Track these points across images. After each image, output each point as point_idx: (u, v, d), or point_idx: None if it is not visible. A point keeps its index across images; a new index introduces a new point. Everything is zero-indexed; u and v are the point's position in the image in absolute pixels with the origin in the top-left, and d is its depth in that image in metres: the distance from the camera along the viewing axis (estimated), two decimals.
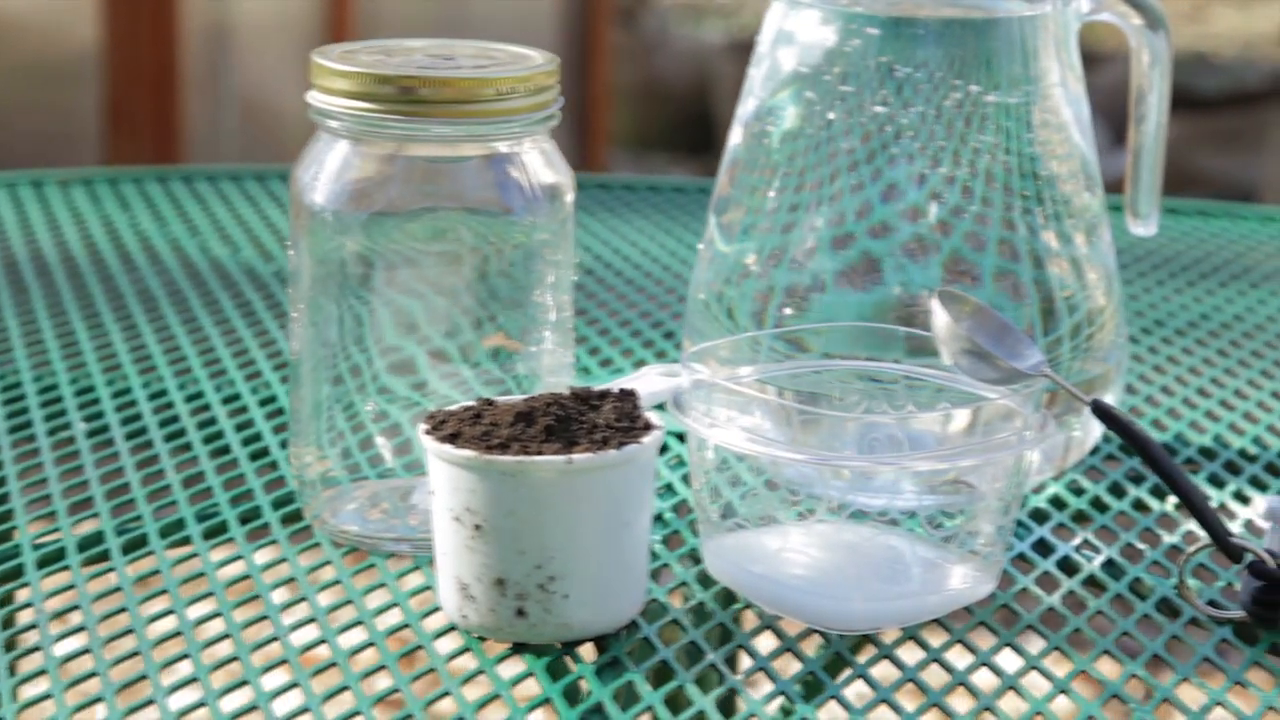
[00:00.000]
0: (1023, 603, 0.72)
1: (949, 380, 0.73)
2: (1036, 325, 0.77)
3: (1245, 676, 0.66)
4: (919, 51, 0.77)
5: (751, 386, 0.73)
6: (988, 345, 0.71)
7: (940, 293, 0.71)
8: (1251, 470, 0.85)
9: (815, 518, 0.71)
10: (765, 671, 0.66)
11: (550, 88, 0.73)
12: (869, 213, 0.78)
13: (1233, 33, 5.38)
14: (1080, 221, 0.79)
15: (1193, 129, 4.21)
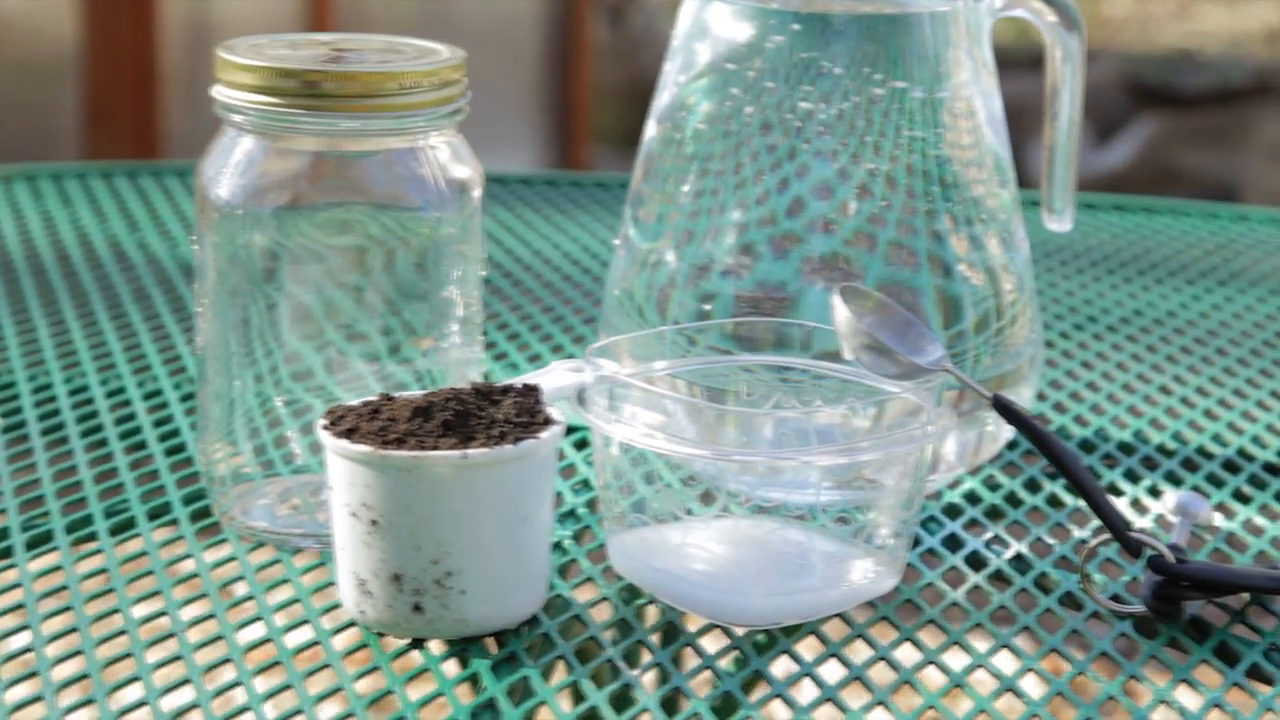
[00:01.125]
0: (928, 597, 0.72)
1: (856, 376, 0.73)
2: (934, 321, 0.77)
3: (1141, 670, 0.66)
4: (831, 46, 0.77)
5: (651, 382, 0.73)
6: (888, 341, 0.71)
7: (842, 288, 0.71)
8: (1169, 466, 0.85)
9: (718, 513, 0.71)
10: (661, 667, 0.66)
11: (456, 82, 0.73)
12: (781, 208, 0.78)
13: (1220, 30, 5.38)
14: (991, 217, 0.79)
15: (1176, 127, 4.21)
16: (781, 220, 0.78)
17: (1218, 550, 0.77)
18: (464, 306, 0.75)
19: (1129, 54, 4.86)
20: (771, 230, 0.78)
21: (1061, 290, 1.13)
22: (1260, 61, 4.85)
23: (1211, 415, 0.92)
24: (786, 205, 0.78)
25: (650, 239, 0.81)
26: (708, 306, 0.78)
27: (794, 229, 0.78)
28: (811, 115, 0.77)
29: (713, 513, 0.71)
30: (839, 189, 0.77)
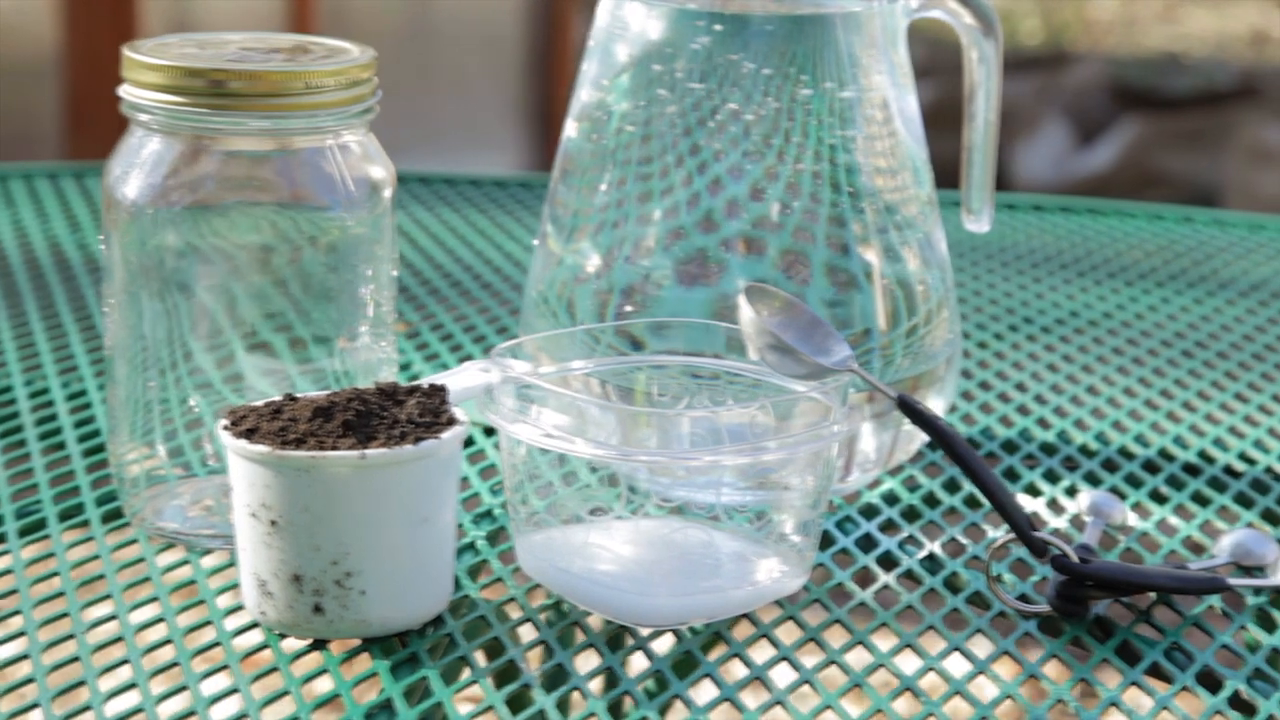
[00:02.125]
0: (838, 597, 0.72)
1: (767, 376, 0.73)
2: (850, 321, 0.77)
3: (1041, 670, 0.66)
4: (744, 46, 0.77)
5: (563, 382, 0.73)
6: (793, 341, 0.71)
7: (748, 288, 0.71)
8: (1089, 466, 0.85)
9: (626, 514, 0.71)
10: (562, 667, 0.66)
11: (366, 81, 0.73)
12: (697, 208, 0.78)
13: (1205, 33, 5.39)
14: (906, 218, 0.79)
15: (1159, 129, 4.21)
16: (697, 220, 0.78)
17: (1130, 550, 0.77)
18: (375, 306, 0.75)
19: (1114, 57, 4.87)
20: (687, 230, 0.78)
21: (1000, 291, 1.13)
22: (1245, 64, 4.85)
23: (1136, 416, 0.92)
24: (702, 205, 0.78)
25: (566, 239, 0.81)
26: (629, 308, 0.78)
27: (709, 230, 0.77)
28: (726, 116, 0.77)
29: (619, 513, 0.71)
30: (753, 190, 0.77)
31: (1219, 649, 0.68)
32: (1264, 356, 1.02)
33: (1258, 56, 5.20)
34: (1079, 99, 4.39)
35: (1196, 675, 0.66)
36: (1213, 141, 4.20)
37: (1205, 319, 1.08)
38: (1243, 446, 0.88)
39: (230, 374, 0.74)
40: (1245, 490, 0.83)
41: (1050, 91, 4.40)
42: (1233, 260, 1.21)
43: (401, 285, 1.10)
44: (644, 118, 0.78)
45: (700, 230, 0.78)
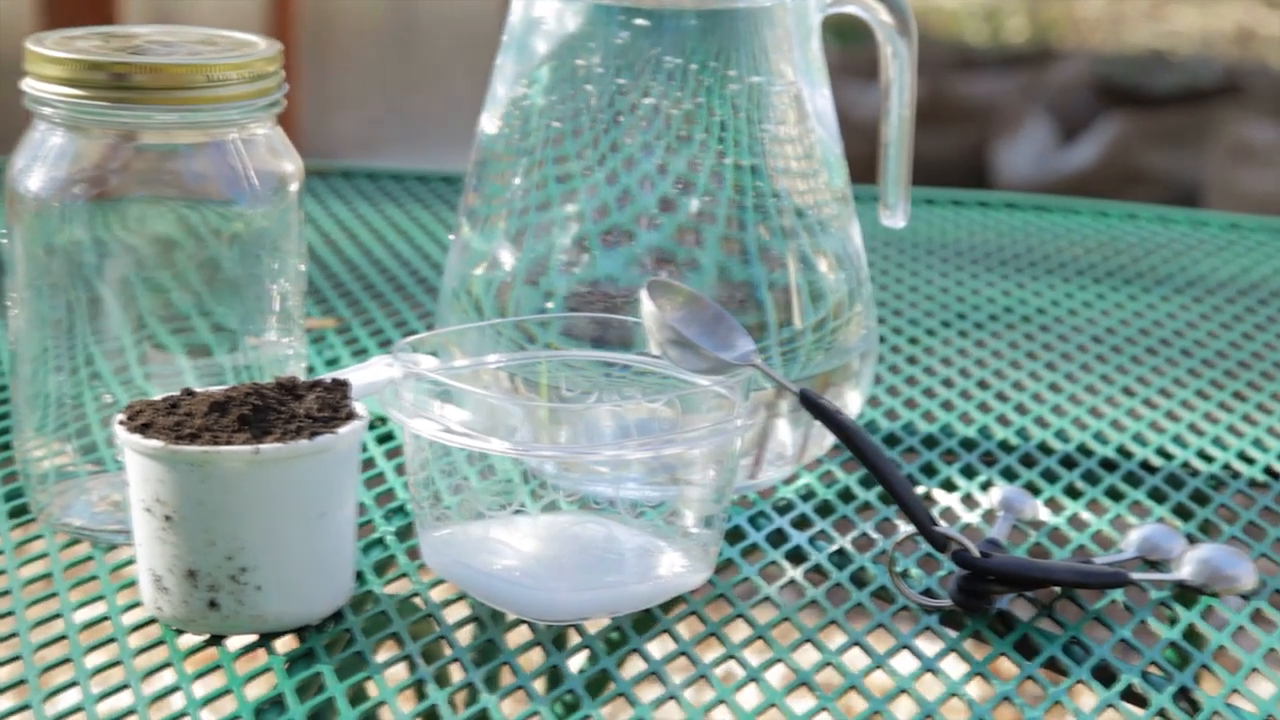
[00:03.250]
0: (744, 592, 0.72)
1: (674, 371, 0.72)
2: (764, 316, 0.77)
3: (938, 665, 0.66)
4: (654, 40, 0.77)
5: (463, 377, 0.73)
6: (694, 336, 0.71)
7: (650, 283, 0.71)
8: (1007, 461, 0.85)
9: (528, 509, 0.71)
10: (460, 663, 0.66)
11: (271, 74, 0.73)
12: (610, 204, 0.78)
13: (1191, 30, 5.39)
14: (819, 215, 0.79)
15: (1143, 127, 4.21)
16: (610, 216, 0.78)
17: (1039, 545, 0.77)
18: (282, 301, 0.74)
19: (1100, 54, 4.87)
20: (599, 226, 0.78)
21: (937, 287, 1.13)
22: (1230, 61, 4.85)
23: (1060, 412, 0.92)
24: (615, 201, 0.78)
25: (480, 233, 0.80)
26: (549, 304, 0.78)
27: (622, 225, 0.77)
28: (641, 110, 0.77)
29: (521, 508, 0.71)
30: (664, 185, 0.77)
31: (1117, 643, 0.68)
32: (1191, 352, 1.02)
33: (1243, 54, 5.20)
34: (1062, 96, 4.39)
35: (1093, 669, 0.66)
36: (1195, 139, 4.20)
37: (1138, 315, 1.08)
38: (1161, 441, 0.88)
39: (137, 369, 0.74)
40: (1160, 485, 0.83)
41: (1034, 89, 4.40)
42: (1171, 258, 1.21)
43: (337, 281, 1.10)
44: (553, 112, 0.78)
45: (611, 226, 0.78)
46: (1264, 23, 5.41)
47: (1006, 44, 4.99)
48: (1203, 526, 0.79)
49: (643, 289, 0.71)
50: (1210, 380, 0.97)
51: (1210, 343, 1.03)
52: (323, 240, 1.18)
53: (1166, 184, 4.20)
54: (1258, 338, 1.04)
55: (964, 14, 5.14)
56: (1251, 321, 1.07)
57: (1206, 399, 0.94)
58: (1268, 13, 5.47)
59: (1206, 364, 1.00)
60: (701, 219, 0.77)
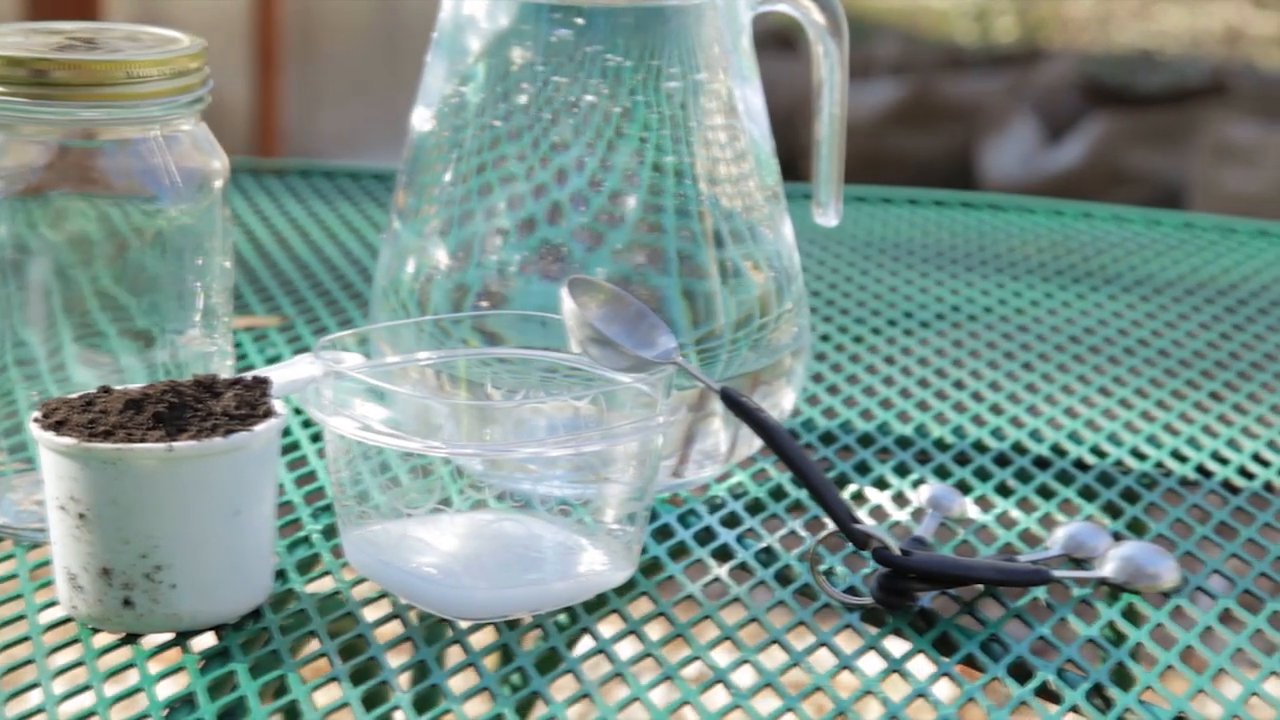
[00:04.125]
0: (668, 591, 0.72)
1: (596, 368, 0.72)
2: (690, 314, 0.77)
3: (856, 662, 0.66)
4: (584, 37, 0.77)
5: (378, 375, 0.72)
6: (615, 333, 0.70)
7: (571, 281, 0.71)
8: (941, 459, 0.85)
9: (449, 507, 0.71)
10: (375, 660, 0.66)
11: (195, 71, 0.73)
12: (536, 202, 0.78)
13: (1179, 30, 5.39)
14: (748, 213, 0.79)
15: (1129, 127, 4.21)
16: (541, 213, 0.78)
17: (966, 543, 0.76)
18: (206, 299, 0.74)
19: (1088, 54, 4.87)
20: (526, 223, 0.77)
21: (885, 286, 1.13)
22: (1217, 61, 4.85)
23: (998, 410, 0.92)
24: (542, 199, 0.78)
25: (411, 230, 0.80)
26: (484, 303, 0.78)
27: (548, 223, 0.77)
28: (566, 107, 0.77)
29: (441, 506, 0.71)
30: (592, 183, 0.77)
31: (1035, 640, 0.68)
32: (1134, 351, 1.01)
33: (1231, 53, 5.21)
34: (1049, 96, 4.38)
35: (1009, 666, 0.66)
36: (1180, 139, 4.20)
37: (1083, 314, 1.08)
38: (1096, 440, 0.88)
39: (58, 366, 0.73)
40: (1091, 483, 0.82)
41: (1021, 89, 4.40)
42: (1122, 257, 1.21)
43: (284, 279, 1.10)
44: (491, 111, 0.78)
45: (544, 223, 0.78)
46: (1252, 22, 5.41)
47: (995, 44, 4.99)
48: (1131, 524, 0.78)
49: (563, 287, 0.71)
50: (1150, 379, 0.97)
51: (1154, 341, 1.03)
52: (301, 239, 1.18)
53: (1151, 184, 4.20)
54: (1201, 336, 1.04)
55: (954, 14, 5.15)
56: (1196, 320, 1.07)
57: (1145, 397, 0.94)
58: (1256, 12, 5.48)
59: (1148, 363, 0.99)
60: (630, 216, 0.77)
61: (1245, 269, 1.18)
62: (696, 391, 0.76)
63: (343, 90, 4.12)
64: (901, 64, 4.45)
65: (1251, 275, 1.17)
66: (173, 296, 0.73)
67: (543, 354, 0.74)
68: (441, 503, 0.71)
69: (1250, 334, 1.05)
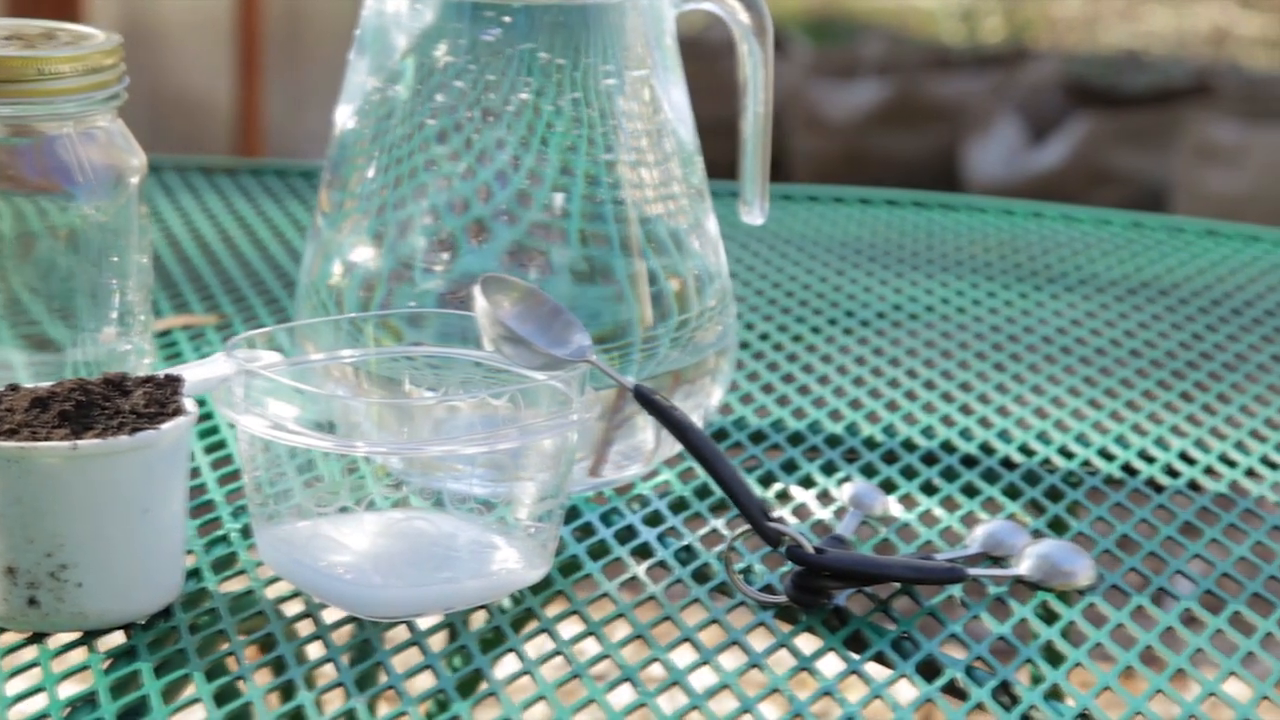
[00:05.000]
0: (584, 589, 0.72)
1: (511, 366, 0.72)
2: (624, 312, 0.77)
3: (765, 660, 0.66)
4: (508, 35, 0.77)
5: (288, 373, 0.72)
6: (528, 331, 0.70)
7: (485, 279, 0.71)
8: (869, 458, 0.85)
9: (363, 505, 0.71)
10: (281, 660, 0.66)
11: (110, 68, 0.73)
12: (461, 200, 0.77)
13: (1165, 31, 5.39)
14: (671, 211, 0.79)
15: (1112, 127, 4.21)
16: (465, 213, 0.77)
17: (886, 541, 0.76)
18: (122, 297, 0.74)
19: (1074, 55, 4.87)
20: (450, 222, 0.77)
21: (830, 285, 1.13)
22: (1203, 62, 4.85)
23: (930, 409, 0.91)
24: (471, 198, 0.77)
25: (334, 228, 0.80)
26: (412, 302, 0.78)
27: (472, 221, 0.77)
28: (489, 105, 0.77)
29: (353, 505, 0.71)
30: (516, 181, 0.77)
31: (947, 638, 0.68)
32: (1071, 350, 1.01)
33: (1216, 54, 5.21)
34: (1033, 97, 4.38)
35: (918, 664, 0.66)
36: (1163, 139, 4.20)
37: (1025, 313, 1.08)
38: (1025, 438, 0.88)
39: None
40: (1016, 482, 0.82)
41: (1006, 89, 4.40)
42: (1068, 256, 1.20)
43: (225, 277, 1.09)
44: (406, 107, 0.78)
45: (467, 222, 0.77)
46: (1238, 22, 5.41)
47: (982, 44, 4.99)
48: (1054, 523, 0.78)
49: (476, 285, 0.71)
50: (1084, 378, 0.97)
51: (1091, 340, 1.03)
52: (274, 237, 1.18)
53: (1134, 184, 4.20)
54: (1140, 335, 1.04)
55: (941, 14, 5.15)
56: (1136, 320, 1.07)
57: (1077, 396, 0.94)
58: (1241, 12, 5.48)
59: (1084, 361, 0.99)
60: (552, 214, 0.77)
61: (1189, 269, 1.18)
62: (615, 391, 0.76)
63: (326, 91, 4.11)
64: (887, 64, 4.44)
65: (1195, 275, 1.17)
66: (87, 294, 0.73)
67: (463, 352, 0.74)
68: (361, 501, 0.71)
69: (1188, 333, 1.05)
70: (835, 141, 4.33)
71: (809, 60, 4.26)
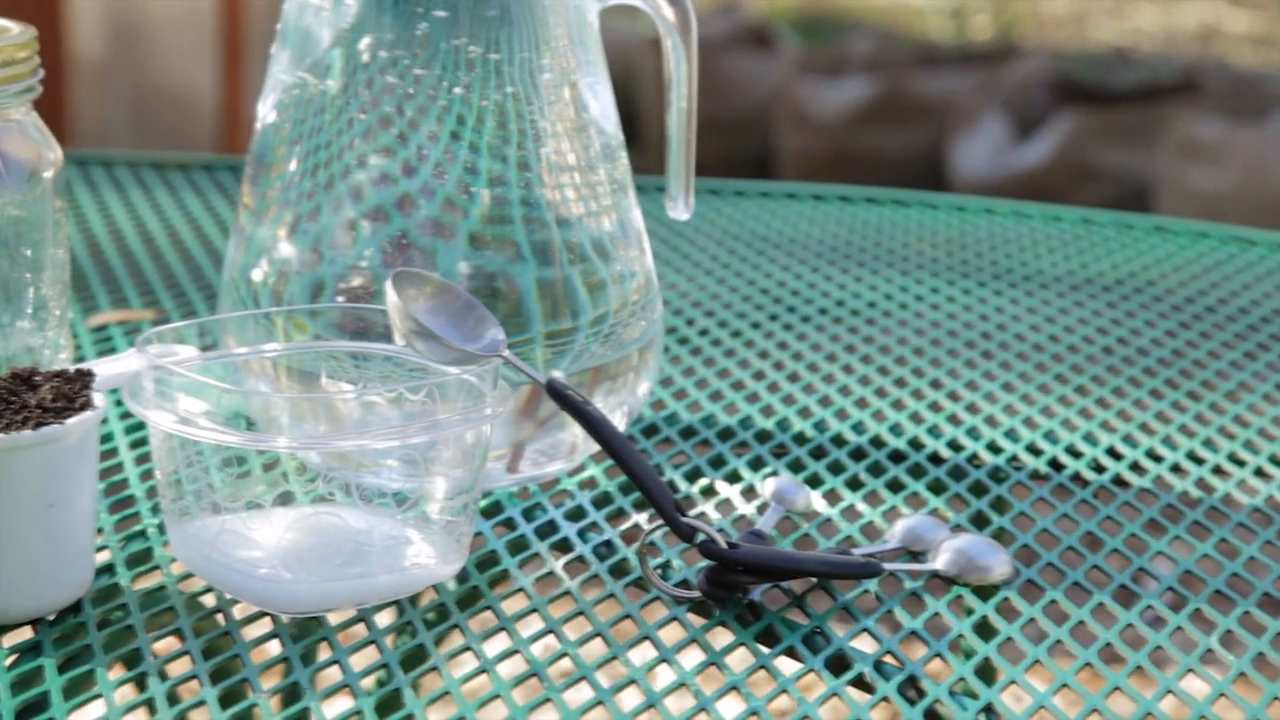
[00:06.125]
0: (499, 584, 0.71)
1: (425, 361, 0.72)
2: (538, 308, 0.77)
3: (674, 656, 0.66)
4: (423, 29, 0.76)
5: (197, 368, 0.72)
6: (439, 327, 0.70)
7: (397, 274, 0.71)
8: (797, 453, 0.84)
9: (275, 500, 0.71)
10: (190, 655, 0.66)
11: (24, 60, 0.72)
12: (385, 195, 0.77)
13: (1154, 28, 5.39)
14: (592, 207, 0.78)
15: (1100, 124, 4.20)
16: (385, 206, 0.77)
17: (807, 536, 0.76)
18: (36, 291, 0.74)
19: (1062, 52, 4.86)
20: (372, 217, 0.77)
21: (774, 281, 1.12)
22: (1190, 59, 4.85)
23: (863, 404, 0.91)
24: (385, 193, 0.77)
25: (256, 223, 0.80)
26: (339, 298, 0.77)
27: (393, 217, 0.77)
28: (410, 99, 0.77)
29: (266, 499, 0.70)
30: (436, 176, 0.77)
31: (859, 633, 0.67)
32: (1009, 345, 1.01)
33: (1204, 51, 5.20)
34: (1019, 94, 4.38)
35: (828, 659, 0.66)
36: (1149, 136, 4.19)
37: (966, 309, 1.08)
38: (955, 434, 0.87)
39: None
40: (942, 477, 0.82)
41: (992, 86, 4.39)
42: (1015, 253, 1.20)
43: (168, 272, 1.09)
44: (325, 101, 0.78)
45: (389, 217, 0.77)
46: (1226, 20, 5.41)
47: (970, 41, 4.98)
48: (975, 518, 0.78)
49: (388, 280, 0.70)
50: (1019, 374, 0.96)
51: (1031, 336, 1.03)
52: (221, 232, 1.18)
53: (1119, 181, 4.20)
54: (1078, 331, 1.04)
55: (931, 11, 5.14)
56: (1076, 315, 1.07)
57: (1011, 392, 0.93)
58: (1230, 10, 5.48)
59: (1020, 357, 0.99)
60: (469, 210, 0.77)
61: (1135, 264, 1.18)
62: (531, 387, 0.76)
63: None
64: (875, 61, 4.44)
65: (1139, 271, 1.17)
66: (4, 289, 0.73)
67: (382, 347, 0.74)
68: (271, 497, 0.71)
69: (1127, 329, 1.04)
70: (822, 139, 4.33)
71: (797, 57, 4.26)
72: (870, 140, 4.31)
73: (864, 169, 4.12)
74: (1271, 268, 1.17)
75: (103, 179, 1.32)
